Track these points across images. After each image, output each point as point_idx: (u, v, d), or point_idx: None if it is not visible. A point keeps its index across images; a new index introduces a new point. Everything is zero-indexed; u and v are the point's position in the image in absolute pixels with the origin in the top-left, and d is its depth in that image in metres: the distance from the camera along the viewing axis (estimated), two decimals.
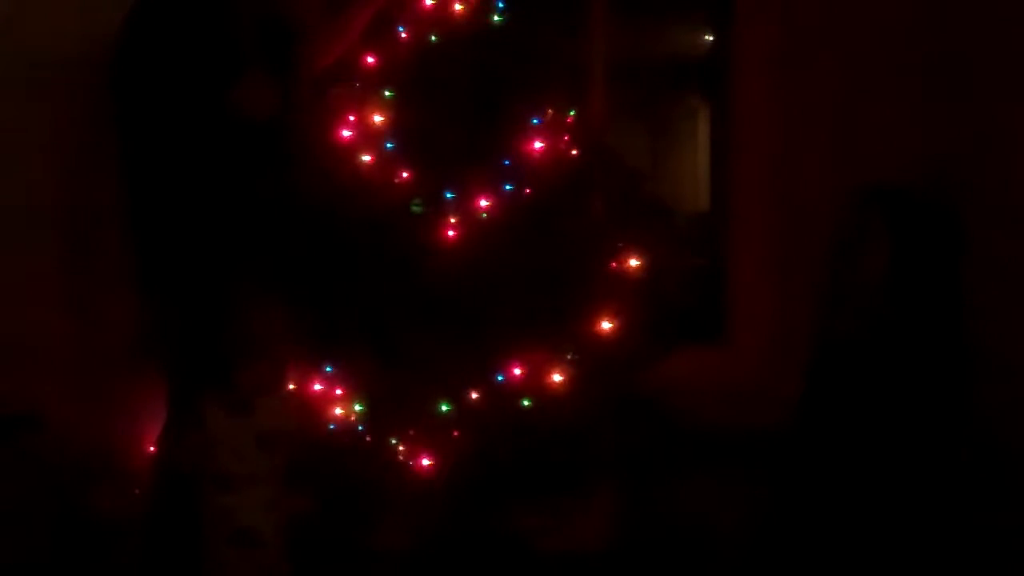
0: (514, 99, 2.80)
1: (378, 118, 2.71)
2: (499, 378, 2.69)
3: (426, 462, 2.67)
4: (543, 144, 2.77)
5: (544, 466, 2.72)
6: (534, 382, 2.69)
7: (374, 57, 2.77)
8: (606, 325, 2.75)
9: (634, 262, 2.81)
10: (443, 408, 2.68)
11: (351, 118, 2.73)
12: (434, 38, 2.79)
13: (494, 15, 2.84)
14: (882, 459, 2.44)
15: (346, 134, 2.73)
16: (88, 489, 2.84)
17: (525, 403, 2.69)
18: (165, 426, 2.30)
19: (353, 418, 2.72)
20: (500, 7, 2.85)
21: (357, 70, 2.78)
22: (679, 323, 2.91)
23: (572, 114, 2.93)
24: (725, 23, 3.92)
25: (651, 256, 2.82)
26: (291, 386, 2.68)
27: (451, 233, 2.67)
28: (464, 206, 2.69)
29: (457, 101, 2.75)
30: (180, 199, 2.10)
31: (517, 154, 2.76)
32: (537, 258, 2.70)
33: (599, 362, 2.75)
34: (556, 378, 2.70)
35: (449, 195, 2.70)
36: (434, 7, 2.79)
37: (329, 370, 2.73)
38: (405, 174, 2.72)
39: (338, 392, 2.73)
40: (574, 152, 2.87)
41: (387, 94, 2.75)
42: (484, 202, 2.70)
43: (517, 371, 2.68)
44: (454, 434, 2.70)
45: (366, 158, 2.71)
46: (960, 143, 2.64)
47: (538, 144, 2.76)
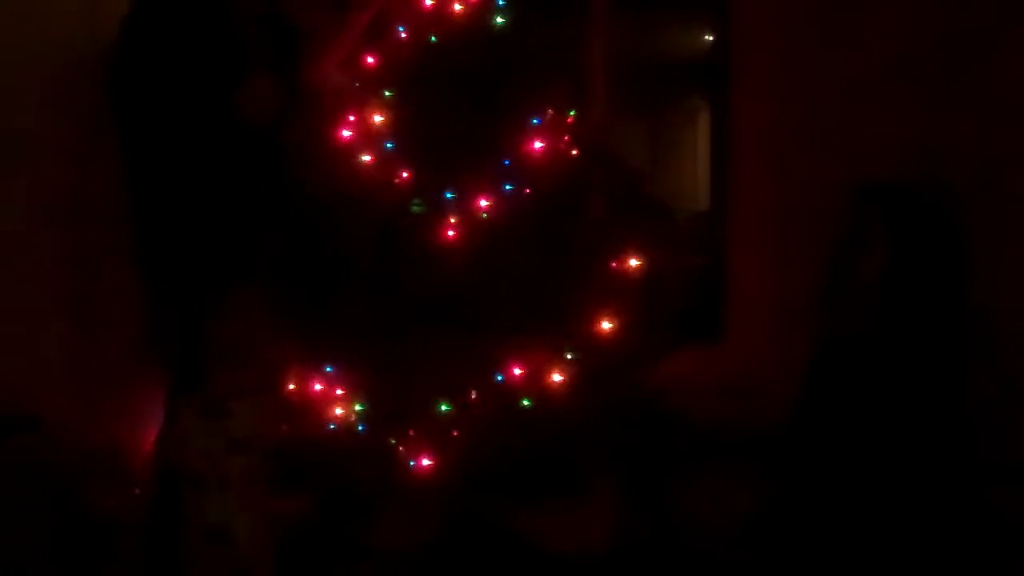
0: (514, 99, 2.80)
1: (378, 118, 2.72)
2: (499, 378, 2.69)
3: (426, 462, 2.67)
4: (543, 144, 2.77)
5: (544, 466, 2.72)
6: (534, 382, 2.70)
7: (374, 57, 2.77)
8: (606, 325, 2.75)
9: (634, 262, 2.81)
10: (443, 408, 2.68)
11: (351, 118, 2.74)
12: (434, 38, 2.79)
13: (494, 15, 2.84)
14: (882, 458, 2.44)
15: (346, 134, 2.73)
16: (88, 489, 2.83)
17: (525, 403, 2.69)
18: (162, 425, 2.31)
19: (353, 418, 2.72)
20: (500, 7, 2.85)
21: (357, 70, 2.78)
22: (679, 323, 2.91)
23: (572, 114, 2.93)
24: (725, 23, 3.92)
25: (651, 256, 2.83)
26: (290, 387, 2.70)
27: (451, 233, 2.67)
28: (464, 206, 2.70)
29: (457, 101, 2.75)
30: (181, 199, 2.10)
31: (517, 154, 2.76)
32: (537, 258, 2.70)
33: (599, 362, 2.75)
34: (556, 378, 2.70)
35: (449, 195, 2.70)
36: (434, 7, 2.79)
37: (329, 370, 2.74)
38: (405, 174, 2.72)
39: (338, 392, 2.73)
40: (574, 152, 2.88)
41: (387, 94, 2.76)
42: (484, 202, 2.70)
43: (517, 371, 2.69)
44: (454, 434, 2.70)
45: (366, 158, 2.72)
46: (960, 142, 2.64)
47: (538, 144, 2.76)
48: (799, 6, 3.57)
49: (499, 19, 2.83)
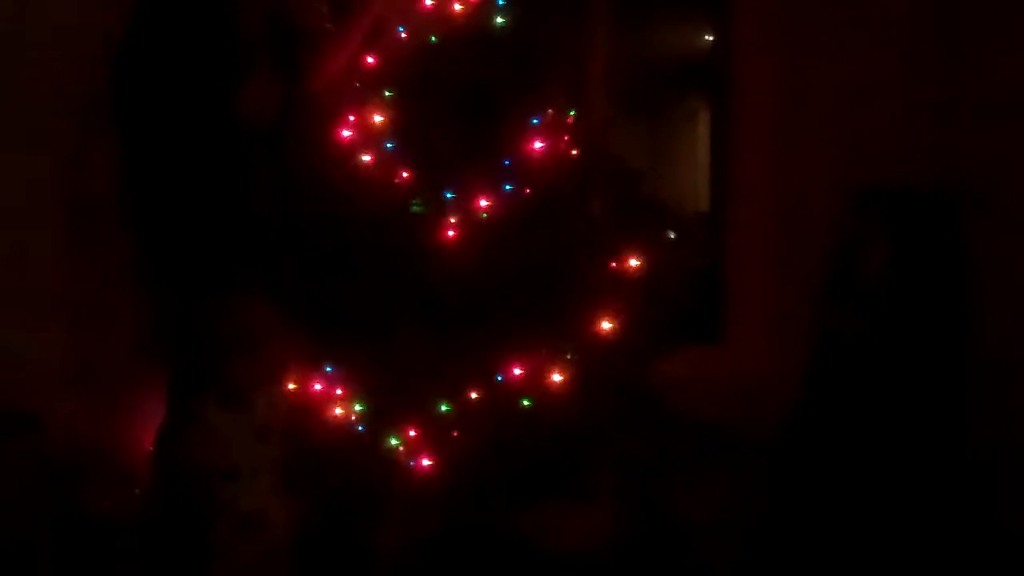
0: (514, 99, 2.80)
1: (378, 118, 2.71)
2: (499, 378, 2.69)
3: (426, 462, 2.67)
4: (543, 144, 2.77)
5: (544, 466, 2.72)
6: (534, 382, 2.69)
7: (374, 57, 2.77)
8: (606, 325, 2.75)
9: (634, 262, 2.80)
10: (443, 408, 2.68)
11: (351, 118, 2.74)
12: (434, 38, 2.79)
13: (494, 15, 2.84)
14: (882, 457, 2.44)
15: (346, 134, 2.73)
16: (87, 488, 2.83)
17: (525, 403, 2.69)
18: (163, 422, 2.30)
19: (353, 418, 2.72)
20: (500, 7, 2.85)
21: (357, 70, 2.78)
22: (679, 323, 2.91)
23: (572, 114, 2.93)
24: (726, 23, 3.92)
25: (651, 256, 2.82)
26: (290, 383, 2.69)
27: (451, 233, 2.67)
28: (464, 206, 2.69)
29: (457, 101, 2.75)
30: (181, 197, 2.11)
31: (517, 154, 2.76)
32: (537, 258, 2.70)
33: (599, 362, 2.75)
34: (556, 378, 2.70)
35: (449, 195, 2.70)
36: (434, 7, 2.79)
37: (329, 370, 2.73)
38: (405, 174, 2.71)
39: (338, 392, 2.73)
40: (574, 152, 2.87)
41: (387, 94, 2.75)
42: (484, 202, 2.70)
43: (517, 371, 2.68)
44: (454, 434, 2.70)
45: (366, 158, 2.71)
46: (961, 144, 2.64)
47: (538, 144, 2.76)
48: (800, 6, 3.57)
49: (499, 19, 2.83)
